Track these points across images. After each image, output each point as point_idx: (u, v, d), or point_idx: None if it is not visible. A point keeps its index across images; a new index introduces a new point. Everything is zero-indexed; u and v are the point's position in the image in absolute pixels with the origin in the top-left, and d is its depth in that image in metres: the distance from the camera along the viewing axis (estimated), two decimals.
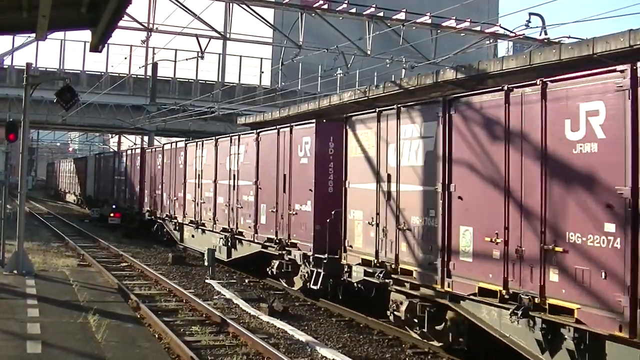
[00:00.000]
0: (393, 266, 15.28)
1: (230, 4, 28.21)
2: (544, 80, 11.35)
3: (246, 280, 24.16)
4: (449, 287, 13.29)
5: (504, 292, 11.92)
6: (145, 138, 63.43)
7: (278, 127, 22.26)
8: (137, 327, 15.41)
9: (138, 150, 40.94)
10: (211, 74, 62.58)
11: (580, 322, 10.38)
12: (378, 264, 15.81)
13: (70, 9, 14.44)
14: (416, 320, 14.53)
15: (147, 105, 55.87)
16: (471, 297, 12.75)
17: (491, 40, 33.25)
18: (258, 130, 23.74)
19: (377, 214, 15.99)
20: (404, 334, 15.85)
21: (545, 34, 31.90)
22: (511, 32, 30.52)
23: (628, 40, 14.56)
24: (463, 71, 20.24)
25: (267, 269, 22.08)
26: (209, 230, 27.69)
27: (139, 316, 16.97)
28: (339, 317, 18.21)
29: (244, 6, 27.22)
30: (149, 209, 37.26)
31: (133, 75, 56.98)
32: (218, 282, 23.06)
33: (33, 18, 13.89)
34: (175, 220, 32.41)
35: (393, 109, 15.53)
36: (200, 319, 17.52)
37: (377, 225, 15.94)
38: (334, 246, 18.12)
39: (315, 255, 19.02)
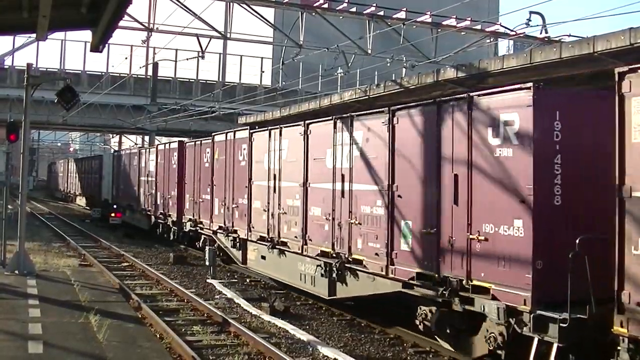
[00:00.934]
0: None
1: (231, 4, 28.22)
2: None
3: (247, 280, 24.16)
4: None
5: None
6: (146, 138, 63.42)
7: (441, 99, 14.65)
8: (138, 327, 15.42)
9: (174, 145, 33.57)
10: (212, 73, 62.64)
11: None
12: None
13: (70, 9, 14.44)
14: None
15: (148, 105, 55.90)
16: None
17: (492, 39, 33.24)
18: (395, 107, 15.82)
19: None
20: (405, 332, 15.85)
21: (546, 32, 31.91)
22: (512, 30, 30.52)
23: (629, 38, 14.53)
24: (464, 70, 20.20)
25: (416, 320, 14.90)
26: (295, 253, 20.04)
27: (140, 316, 16.99)
28: (341, 317, 18.20)
29: (244, 6, 27.22)
30: (191, 217, 29.88)
31: (134, 75, 57.00)
32: (219, 282, 23.06)
33: (33, 18, 13.89)
34: (235, 235, 24.70)
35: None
36: (201, 318, 17.53)
37: None
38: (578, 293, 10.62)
39: (539, 312, 11.34)
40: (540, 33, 31.52)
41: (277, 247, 20.99)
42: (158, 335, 15.14)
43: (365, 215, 16.34)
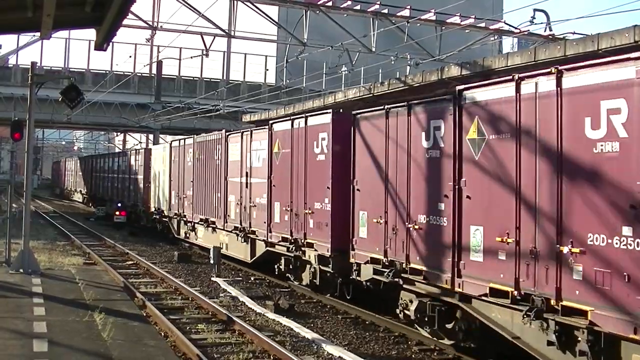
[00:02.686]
0: None
1: (235, 2, 28.18)
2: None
3: (252, 278, 24.18)
4: None
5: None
6: (151, 136, 63.51)
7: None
8: (143, 325, 15.44)
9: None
10: (216, 71, 62.69)
11: None
12: None
13: (74, 7, 14.43)
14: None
15: (152, 103, 55.99)
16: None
17: (496, 37, 33.20)
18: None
19: None
20: (410, 330, 15.86)
21: (550, 30, 31.85)
22: (516, 28, 30.45)
23: (633, 35, 14.53)
24: (468, 68, 20.22)
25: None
26: None
27: (145, 314, 17.00)
28: (345, 315, 18.22)
29: (248, 4, 27.19)
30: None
31: (138, 74, 57.04)
32: (224, 280, 23.09)
33: (37, 17, 13.88)
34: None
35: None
36: (206, 316, 17.55)
37: None
38: None
39: None
40: (545, 31, 31.45)
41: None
42: (163, 334, 15.16)
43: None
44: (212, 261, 24.68)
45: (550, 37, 30.12)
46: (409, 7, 27.76)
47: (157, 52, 57.95)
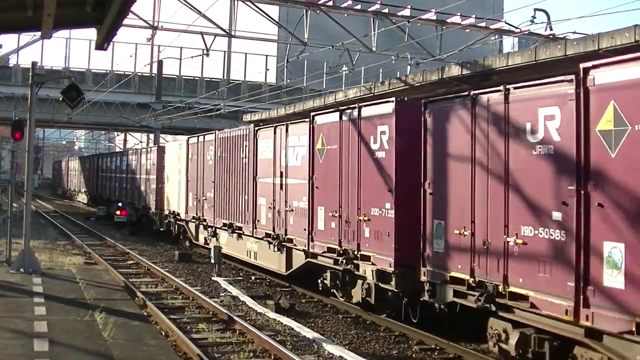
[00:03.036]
0: None
1: (235, 1, 28.21)
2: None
3: (252, 278, 24.17)
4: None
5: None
6: (151, 136, 63.54)
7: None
8: (143, 325, 15.42)
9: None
10: (216, 71, 62.74)
11: None
12: None
13: (75, 7, 14.45)
14: None
15: (153, 103, 56.02)
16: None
17: (496, 37, 33.20)
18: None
19: None
20: (411, 330, 15.85)
21: (551, 29, 31.85)
22: (516, 28, 30.44)
23: (633, 35, 14.53)
24: (468, 67, 20.21)
25: None
26: None
27: (145, 314, 17.00)
28: (346, 314, 18.20)
29: (248, 3, 27.21)
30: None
31: (138, 73, 57.09)
32: (224, 280, 23.08)
33: (38, 17, 13.90)
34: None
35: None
36: (206, 316, 17.54)
37: None
38: None
39: None
40: (545, 30, 31.46)
41: None
42: (163, 333, 15.16)
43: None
44: (212, 261, 24.67)
45: (550, 36, 30.13)
46: (409, 6, 27.77)
47: (158, 52, 58.00)
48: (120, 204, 44.34)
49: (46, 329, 14.17)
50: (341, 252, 18.05)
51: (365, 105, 17.56)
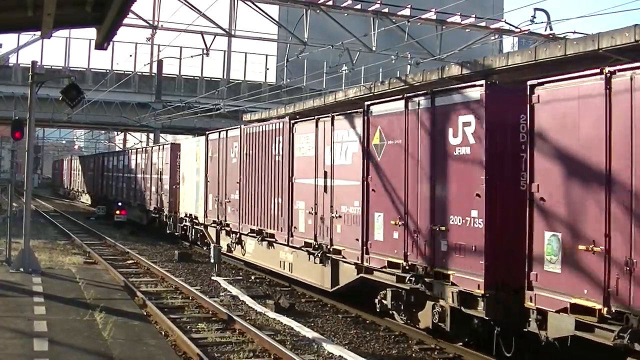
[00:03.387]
0: None
1: (235, 1, 28.20)
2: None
3: (252, 277, 24.16)
4: None
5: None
6: (151, 136, 63.57)
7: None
8: (143, 325, 15.43)
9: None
10: (216, 71, 62.76)
11: None
12: None
13: (75, 7, 14.45)
14: None
15: (153, 102, 56.03)
16: None
17: (496, 36, 33.18)
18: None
19: None
20: (411, 330, 15.84)
21: (551, 29, 31.84)
22: (516, 27, 30.43)
23: (633, 35, 14.53)
24: (468, 67, 20.23)
25: None
26: None
27: (145, 313, 17.00)
28: (346, 314, 18.20)
29: (248, 3, 27.20)
30: None
31: (138, 73, 57.11)
32: (224, 279, 23.08)
33: (38, 16, 13.90)
34: None
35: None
36: (206, 316, 17.54)
37: None
38: None
39: None
40: (545, 30, 31.44)
41: None
42: (163, 333, 15.16)
43: None
44: (212, 260, 24.66)
45: (550, 36, 30.12)
46: (409, 6, 27.76)
47: (158, 51, 58.00)
48: (120, 204, 44.26)
49: (46, 329, 14.17)
50: (407, 267, 15.09)
51: (441, 91, 14.62)
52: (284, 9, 40.16)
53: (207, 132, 29.67)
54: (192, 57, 49.18)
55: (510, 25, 30.84)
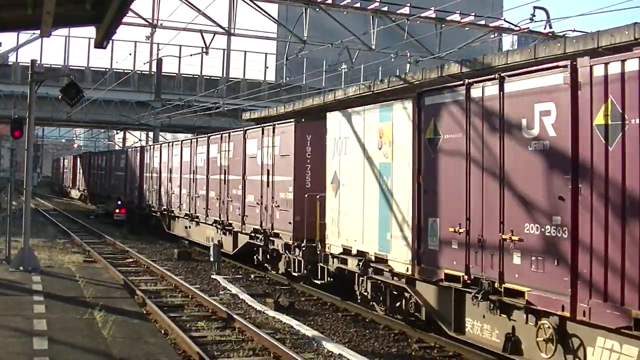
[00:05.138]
0: None
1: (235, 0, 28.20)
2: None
3: (252, 276, 24.16)
4: None
5: None
6: (150, 134, 63.58)
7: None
8: (143, 323, 15.43)
9: None
10: (216, 69, 62.72)
11: None
12: None
13: (74, 5, 14.45)
14: None
15: (152, 101, 55.98)
16: None
17: (496, 34, 33.15)
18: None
19: None
20: (410, 328, 15.85)
21: (550, 27, 31.79)
22: (516, 25, 30.40)
23: (633, 33, 14.53)
24: (468, 65, 20.22)
25: None
26: None
27: (145, 312, 17.02)
28: (345, 312, 18.21)
29: (248, 1, 27.18)
30: None
31: (138, 72, 57.07)
32: (224, 278, 23.08)
33: (37, 15, 13.90)
34: None
35: None
36: (206, 314, 17.55)
37: None
38: None
39: None
40: (545, 28, 31.40)
41: None
42: (163, 331, 15.18)
43: None
44: (212, 259, 24.66)
45: (550, 34, 30.10)
46: (408, 4, 27.74)
47: (157, 50, 58.03)
48: (119, 202, 44.22)
49: (45, 327, 14.17)
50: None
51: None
52: (283, 7, 40.18)
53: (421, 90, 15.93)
54: (191, 55, 49.18)
55: (510, 23, 30.81)
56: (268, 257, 23.50)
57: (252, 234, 24.19)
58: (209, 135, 30.60)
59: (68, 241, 33.27)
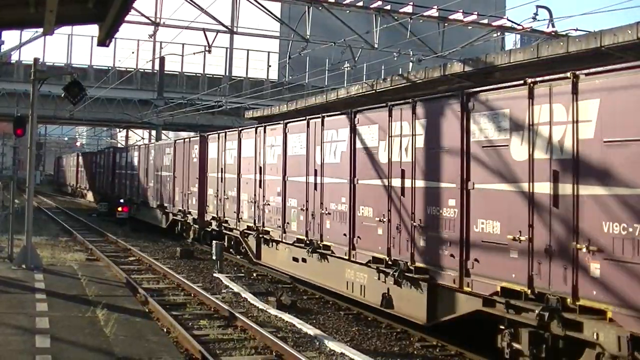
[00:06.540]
0: None
1: None
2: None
3: (254, 274, 24.16)
4: None
5: None
6: (153, 132, 63.60)
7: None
8: (145, 321, 15.44)
9: None
10: (218, 68, 62.62)
11: None
12: None
13: (77, 4, 14.46)
14: None
15: (155, 99, 55.97)
16: None
17: (498, 34, 33.15)
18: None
19: None
20: (412, 327, 15.84)
21: (553, 26, 31.78)
22: (518, 25, 30.40)
23: (636, 32, 14.50)
24: (470, 64, 20.20)
25: None
26: None
27: (147, 310, 17.02)
28: (347, 311, 18.21)
29: (251, 0, 27.19)
30: None
31: (140, 70, 57.10)
32: (226, 276, 23.07)
33: (40, 13, 13.92)
34: None
35: None
36: (208, 312, 17.56)
37: None
38: None
39: None
40: (547, 27, 31.39)
41: None
42: (165, 330, 15.18)
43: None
44: (214, 257, 24.66)
45: (553, 33, 30.08)
46: (411, 3, 27.75)
47: (160, 48, 58.02)
48: (121, 200, 44.24)
49: (48, 325, 14.18)
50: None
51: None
52: (286, 6, 40.18)
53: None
54: (194, 54, 49.21)
55: (513, 22, 30.83)
56: None
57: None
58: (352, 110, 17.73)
59: (70, 239, 33.28)
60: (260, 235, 22.98)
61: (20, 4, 14.19)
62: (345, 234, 17.28)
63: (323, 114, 19.08)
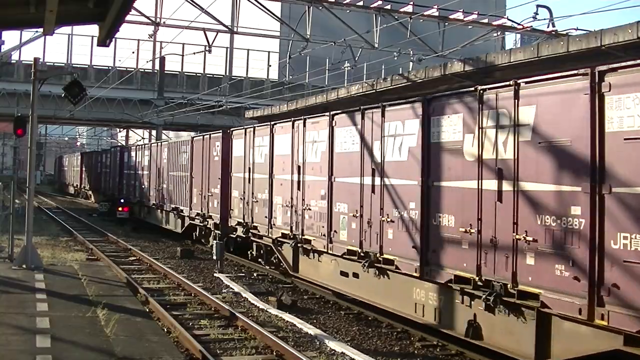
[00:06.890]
0: None
1: None
2: None
3: (254, 274, 24.16)
4: None
5: None
6: (154, 132, 63.62)
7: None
8: (146, 321, 15.45)
9: None
10: (219, 67, 62.63)
11: None
12: None
13: (77, 3, 14.43)
14: None
15: (155, 99, 55.98)
16: None
17: (499, 33, 33.15)
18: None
19: None
20: (413, 327, 15.83)
21: (553, 26, 31.79)
22: (519, 24, 30.41)
23: (636, 32, 14.51)
24: (471, 64, 20.20)
25: None
26: None
27: (147, 310, 17.02)
28: (348, 311, 18.20)
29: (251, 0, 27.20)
30: None
31: (141, 70, 57.09)
32: (227, 276, 23.07)
33: (40, 13, 13.89)
34: None
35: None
36: (209, 312, 17.55)
37: None
38: None
39: None
40: (548, 27, 31.40)
41: None
42: (166, 329, 15.17)
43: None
44: (214, 257, 24.66)
45: (553, 33, 30.09)
46: (411, 3, 27.76)
47: (160, 48, 58.03)
48: (122, 200, 44.22)
49: (48, 325, 14.18)
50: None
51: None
52: (286, 6, 40.22)
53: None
54: (194, 53, 49.15)
55: (513, 22, 30.85)
56: None
57: None
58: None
59: (71, 239, 33.29)
60: (299, 245, 20.41)
61: (20, 4, 14.17)
62: (414, 247, 14.74)
63: (384, 103, 16.39)
